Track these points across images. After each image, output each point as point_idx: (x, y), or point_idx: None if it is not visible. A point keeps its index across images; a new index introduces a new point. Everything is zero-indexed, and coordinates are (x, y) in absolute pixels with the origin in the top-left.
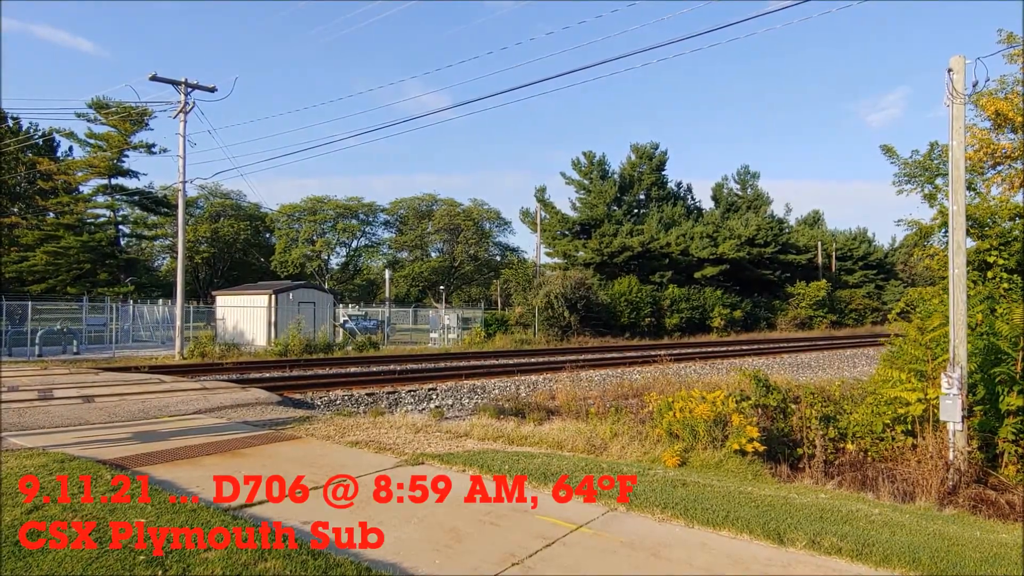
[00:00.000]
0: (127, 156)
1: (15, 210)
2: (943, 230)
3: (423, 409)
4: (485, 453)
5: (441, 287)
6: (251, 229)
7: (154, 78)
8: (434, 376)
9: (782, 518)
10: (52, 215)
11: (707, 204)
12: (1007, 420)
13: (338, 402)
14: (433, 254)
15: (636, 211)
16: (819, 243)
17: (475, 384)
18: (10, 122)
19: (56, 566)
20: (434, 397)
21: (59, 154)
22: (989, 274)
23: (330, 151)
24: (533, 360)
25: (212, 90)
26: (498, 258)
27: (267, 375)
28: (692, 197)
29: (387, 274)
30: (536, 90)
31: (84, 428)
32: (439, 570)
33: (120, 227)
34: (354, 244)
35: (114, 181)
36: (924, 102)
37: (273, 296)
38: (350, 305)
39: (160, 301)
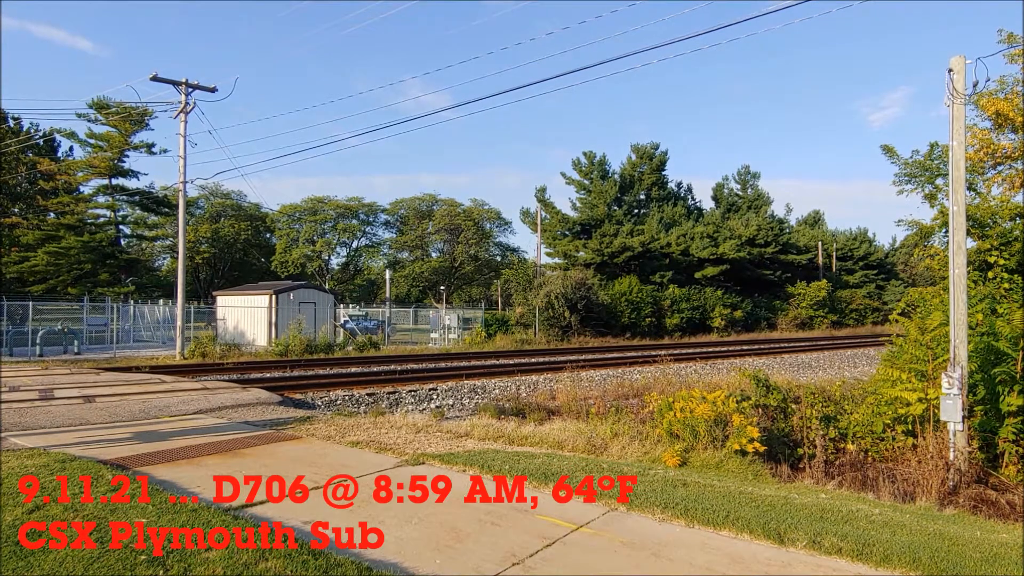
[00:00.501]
0: (127, 156)
1: (16, 210)
2: (943, 230)
3: (424, 409)
4: (485, 453)
5: (442, 287)
6: (252, 229)
7: (155, 78)
8: (435, 376)
9: (783, 518)
10: (53, 215)
11: (707, 204)
12: (1007, 420)
13: (339, 402)
14: (433, 254)
15: (636, 211)
16: (819, 243)
17: (476, 384)
18: (11, 122)
19: (56, 566)
20: (435, 397)
21: (60, 154)
22: (990, 274)
23: (330, 151)
24: (533, 360)
25: (212, 90)
26: (498, 258)
27: (268, 375)
28: (692, 197)
29: (388, 274)
30: (536, 90)
31: (85, 428)
32: (440, 570)
33: (121, 227)
34: (355, 244)
35: (115, 181)
36: (926, 101)
37: (274, 296)
38: (351, 305)
39: (161, 301)
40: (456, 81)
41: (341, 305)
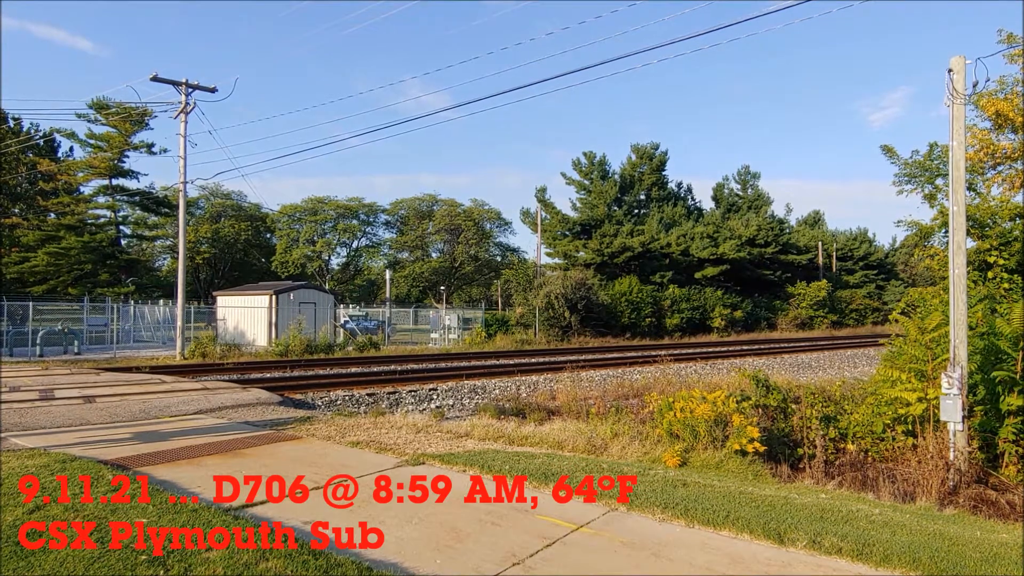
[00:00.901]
0: (128, 156)
1: (16, 211)
2: (943, 230)
3: (424, 409)
4: (485, 453)
5: (442, 287)
6: (252, 229)
7: (155, 79)
8: (435, 376)
9: (783, 518)
10: (53, 216)
11: (707, 204)
12: (1007, 420)
13: (339, 402)
14: (434, 254)
15: (636, 211)
16: (820, 243)
17: (476, 384)
18: (11, 122)
19: (57, 566)
20: (435, 397)
21: (60, 154)
22: (989, 274)
23: (330, 151)
24: (534, 360)
25: (213, 90)
26: (499, 258)
27: (268, 375)
28: (692, 197)
29: (388, 274)
30: (536, 90)
31: (85, 428)
32: (440, 570)
33: (121, 227)
34: (355, 244)
35: (115, 181)
36: (926, 101)
37: (274, 296)
38: (351, 305)
39: (161, 301)
40: (456, 81)
41: (341, 305)
